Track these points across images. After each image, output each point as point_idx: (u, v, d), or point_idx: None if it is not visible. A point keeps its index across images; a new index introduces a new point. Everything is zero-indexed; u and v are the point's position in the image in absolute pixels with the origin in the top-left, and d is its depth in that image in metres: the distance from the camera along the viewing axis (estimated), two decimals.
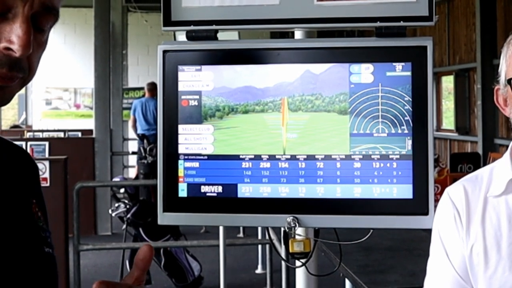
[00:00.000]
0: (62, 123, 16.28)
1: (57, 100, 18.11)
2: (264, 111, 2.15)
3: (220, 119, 2.17)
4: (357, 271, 3.60)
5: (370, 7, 2.15)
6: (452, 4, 13.01)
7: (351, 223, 2.12)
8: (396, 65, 2.08)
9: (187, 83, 2.18)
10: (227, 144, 2.17)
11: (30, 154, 1.43)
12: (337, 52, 2.14)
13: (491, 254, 1.68)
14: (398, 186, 2.09)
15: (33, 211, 1.29)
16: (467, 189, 1.77)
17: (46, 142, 10.29)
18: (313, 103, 2.12)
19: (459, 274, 1.72)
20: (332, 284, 5.75)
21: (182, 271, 7.13)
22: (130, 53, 16.87)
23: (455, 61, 12.86)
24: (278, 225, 2.16)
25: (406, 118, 2.08)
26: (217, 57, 2.19)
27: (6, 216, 1.21)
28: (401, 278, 3.53)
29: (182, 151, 2.19)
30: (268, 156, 2.15)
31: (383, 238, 4.35)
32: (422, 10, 2.13)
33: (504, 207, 1.71)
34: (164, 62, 2.19)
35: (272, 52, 2.17)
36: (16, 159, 1.36)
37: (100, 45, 10.97)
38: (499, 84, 1.75)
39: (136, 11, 16.98)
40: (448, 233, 1.76)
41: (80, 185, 5.92)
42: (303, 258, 2.20)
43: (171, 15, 2.24)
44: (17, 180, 1.30)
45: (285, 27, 2.27)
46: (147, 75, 17.41)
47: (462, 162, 5.17)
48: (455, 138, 12.85)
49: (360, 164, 2.10)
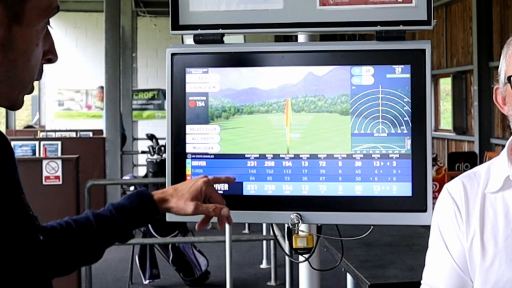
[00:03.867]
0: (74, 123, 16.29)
1: (69, 101, 18.11)
2: (269, 112, 2.15)
3: (226, 120, 2.17)
4: (358, 266, 3.60)
5: (371, 12, 2.15)
6: (450, 9, 12.99)
7: (352, 219, 2.12)
8: (395, 67, 2.08)
9: (194, 85, 2.18)
10: (233, 143, 2.17)
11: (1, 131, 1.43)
12: (339, 55, 2.14)
13: (488, 248, 1.68)
14: (398, 184, 2.09)
15: (24, 202, 1.29)
16: (466, 185, 1.77)
17: (58, 141, 10.28)
18: (315, 104, 2.12)
19: (458, 265, 1.72)
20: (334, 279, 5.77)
21: (190, 266, 7.13)
22: (139, 56, 16.86)
23: (453, 64, 12.84)
24: (282, 222, 2.16)
25: (406, 119, 2.08)
26: (223, 60, 2.19)
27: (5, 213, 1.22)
28: (400, 272, 3.52)
29: (190, 150, 2.19)
30: (272, 155, 2.15)
31: (383, 234, 4.35)
32: (420, 15, 2.13)
33: (501, 203, 1.71)
34: (172, 65, 2.19)
35: (276, 55, 2.17)
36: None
37: (111, 48, 10.97)
38: (498, 84, 1.76)
39: (145, 16, 16.97)
40: (448, 227, 1.76)
41: (91, 183, 5.93)
42: (306, 254, 2.20)
43: (179, 20, 2.24)
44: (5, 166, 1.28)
45: (289, 31, 2.27)
46: (156, 77, 17.43)
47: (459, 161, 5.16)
48: (452, 138, 12.83)
49: (361, 163, 2.10)
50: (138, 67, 17.00)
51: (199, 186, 1.83)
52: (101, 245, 1.71)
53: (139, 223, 1.78)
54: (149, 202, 1.77)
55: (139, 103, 16.26)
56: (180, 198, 1.80)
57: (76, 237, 1.66)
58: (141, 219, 1.77)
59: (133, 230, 1.79)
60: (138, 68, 17.00)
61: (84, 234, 1.67)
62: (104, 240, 1.71)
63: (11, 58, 1.20)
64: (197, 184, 1.83)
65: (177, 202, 1.79)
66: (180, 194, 1.81)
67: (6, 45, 1.18)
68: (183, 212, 1.81)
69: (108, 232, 1.71)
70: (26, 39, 1.21)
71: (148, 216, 1.78)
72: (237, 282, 6.65)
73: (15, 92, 1.25)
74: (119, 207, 1.73)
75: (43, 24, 1.24)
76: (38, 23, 1.23)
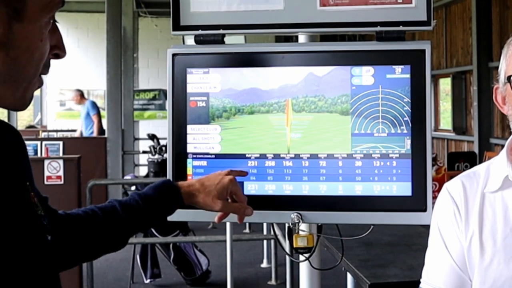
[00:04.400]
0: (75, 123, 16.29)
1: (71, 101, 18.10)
2: (269, 112, 2.15)
3: (227, 120, 2.17)
4: (358, 265, 3.59)
5: (371, 12, 2.15)
6: (449, 10, 12.99)
7: (352, 219, 2.12)
8: (395, 67, 2.08)
9: (195, 85, 2.18)
10: (234, 143, 2.17)
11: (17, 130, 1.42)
12: (339, 56, 2.14)
13: (487, 247, 1.68)
14: (398, 184, 2.09)
15: (32, 201, 1.29)
16: (465, 185, 1.77)
17: (60, 141, 10.29)
18: (316, 104, 2.12)
19: (457, 264, 1.72)
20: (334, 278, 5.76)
21: (191, 265, 7.12)
22: (140, 56, 16.87)
23: (452, 64, 12.84)
24: (282, 221, 2.16)
25: (405, 119, 2.07)
26: (224, 60, 2.19)
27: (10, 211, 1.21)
28: (400, 272, 3.52)
29: (191, 150, 2.19)
30: (273, 155, 2.15)
31: (383, 234, 4.34)
32: (420, 15, 2.13)
33: (500, 202, 1.71)
34: (174, 65, 2.19)
35: (277, 55, 2.17)
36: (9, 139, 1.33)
37: (112, 49, 10.98)
38: (498, 83, 1.75)
39: (146, 16, 16.98)
40: (447, 226, 1.76)
41: (93, 183, 5.92)
42: (307, 253, 2.20)
43: (180, 20, 2.24)
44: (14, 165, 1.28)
45: (289, 31, 2.27)
46: (157, 78, 17.42)
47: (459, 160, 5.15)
48: (452, 137, 12.83)
49: (361, 162, 2.10)
50: (139, 68, 17.02)
51: (225, 184, 1.86)
52: (126, 232, 1.75)
53: (164, 213, 1.81)
54: (175, 195, 1.80)
55: (140, 103, 16.27)
56: (207, 194, 1.83)
57: (102, 223, 1.69)
58: (166, 210, 1.81)
59: (157, 220, 1.81)
60: (139, 68, 17.02)
61: (110, 221, 1.70)
62: (129, 228, 1.74)
63: (13, 56, 1.17)
64: (223, 182, 1.86)
65: (204, 198, 1.83)
66: (207, 190, 1.84)
67: (7, 43, 1.16)
68: (209, 209, 1.85)
69: (134, 220, 1.73)
70: (28, 36, 1.18)
71: (172, 208, 1.81)
72: (238, 281, 6.64)
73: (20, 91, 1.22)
74: (145, 196, 1.76)
75: (46, 19, 1.22)
76: (40, 19, 1.20)
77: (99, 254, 1.73)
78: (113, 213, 1.70)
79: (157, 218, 1.80)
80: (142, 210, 1.74)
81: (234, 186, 1.89)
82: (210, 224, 9.36)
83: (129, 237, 1.77)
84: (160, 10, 16.12)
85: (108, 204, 1.74)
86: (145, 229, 1.82)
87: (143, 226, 1.79)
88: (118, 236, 1.74)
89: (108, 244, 1.74)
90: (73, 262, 1.71)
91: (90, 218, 1.68)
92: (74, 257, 1.67)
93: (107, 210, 1.71)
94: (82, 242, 1.66)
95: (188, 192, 1.82)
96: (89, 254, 1.72)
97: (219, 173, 1.91)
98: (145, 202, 1.75)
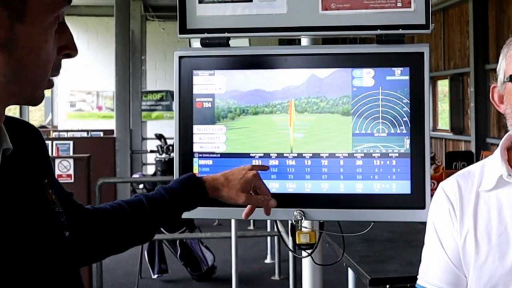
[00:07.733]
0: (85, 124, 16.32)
1: (81, 102, 18.14)
2: (273, 113, 2.15)
3: (232, 120, 2.17)
4: (359, 261, 3.59)
5: (371, 16, 2.15)
6: (447, 13, 12.98)
7: (353, 216, 2.12)
8: (395, 70, 2.08)
9: (201, 87, 2.18)
10: (239, 143, 2.17)
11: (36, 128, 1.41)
12: (341, 58, 2.13)
13: (482, 245, 1.67)
14: (397, 182, 2.08)
15: (48, 198, 1.28)
16: (460, 184, 1.76)
17: (70, 141, 10.30)
18: (318, 105, 2.12)
19: (452, 261, 1.71)
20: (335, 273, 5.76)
21: (197, 261, 7.13)
22: (148, 59, 16.88)
23: (450, 66, 12.83)
24: (285, 218, 2.16)
25: (405, 119, 2.07)
26: (229, 63, 2.19)
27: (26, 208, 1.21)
28: (399, 267, 3.52)
29: (197, 150, 2.19)
30: (276, 154, 2.15)
31: (383, 231, 4.34)
32: (419, 19, 2.13)
33: (494, 201, 1.70)
34: (180, 67, 2.19)
35: (280, 57, 2.17)
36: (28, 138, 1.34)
37: (121, 51, 11.00)
38: (496, 82, 1.74)
39: (154, 20, 17.00)
40: (442, 224, 1.75)
41: (102, 181, 5.93)
42: (309, 249, 2.20)
43: (186, 24, 2.24)
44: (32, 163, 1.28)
45: (292, 34, 2.27)
46: (164, 79, 17.45)
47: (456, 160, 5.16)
48: (450, 137, 12.83)
49: (361, 161, 2.10)
50: (147, 70, 17.03)
51: (249, 179, 1.86)
52: (152, 226, 1.76)
53: (189, 207, 1.81)
54: (200, 189, 1.80)
55: (148, 104, 16.28)
56: (231, 188, 1.83)
57: (129, 217, 1.69)
58: (191, 204, 1.81)
59: (182, 213, 1.81)
60: (147, 70, 17.03)
61: (137, 214, 1.70)
62: (155, 221, 1.75)
63: (17, 58, 1.12)
64: (247, 177, 1.86)
65: (228, 192, 1.83)
66: (231, 184, 1.83)
67: (9, 46, 1.11)
68: (233, 202, 1.85)
69: (160, 213, 1.74)
70: (31, 37, 1.13)
71: (197, 201, 1.82)
72: (243, 277, 6.64)
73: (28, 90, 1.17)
74: (171, 190, 1.76)
75: (51, 19, 1.16)
76: (44, 20, 1.14)
77: (126, 247, 1.74)
78: (140, 207, 1.71)
79: (183, 211, 1.80)
80: (168, 204, 1.74)
81: (258, 180, 1.88)
82: (216, 221, 9.37)
83: (156, 230, 1.79)
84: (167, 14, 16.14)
85: (135, 198, 1.75)
86: (171, 223, 1.82)
87: (169, 219, 1.79)
88: (145, 229, 1.75)
89: (135, 237, 1.74)
90: (101, 255, 1.72)
91: (117, 212, 1.69)
92: (102, 250, 1.68)
93: (134, 204, 1.72)
94: (109, 235, 1.66)
95: (213, 186, 1.82)
96: (116, 247, 1.72)
97: (243, 167, 1.91)
98: (171, 196, 1.75)
